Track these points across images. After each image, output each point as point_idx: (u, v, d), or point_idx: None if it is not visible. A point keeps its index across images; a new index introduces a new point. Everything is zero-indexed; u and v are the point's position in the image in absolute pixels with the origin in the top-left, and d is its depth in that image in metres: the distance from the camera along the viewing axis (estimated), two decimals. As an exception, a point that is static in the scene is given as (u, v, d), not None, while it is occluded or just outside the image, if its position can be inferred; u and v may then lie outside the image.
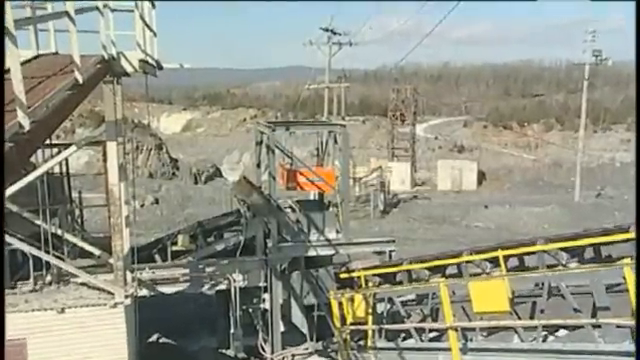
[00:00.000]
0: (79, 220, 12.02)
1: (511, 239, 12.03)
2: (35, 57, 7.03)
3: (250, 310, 12.26)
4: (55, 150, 9.53)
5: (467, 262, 9.48)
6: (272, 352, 11.92)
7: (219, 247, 12.58)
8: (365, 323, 10.69)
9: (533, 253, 8.40)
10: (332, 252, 12.32)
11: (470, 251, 9.52)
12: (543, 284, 8.02)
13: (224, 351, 12.53)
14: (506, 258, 8.71)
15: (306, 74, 34.97)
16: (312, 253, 12.07)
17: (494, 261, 8.99)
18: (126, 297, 8.02)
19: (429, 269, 10.29)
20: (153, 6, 7.75)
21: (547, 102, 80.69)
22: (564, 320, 7.34)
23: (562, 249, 7.93)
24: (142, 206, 33.86)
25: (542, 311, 7.93)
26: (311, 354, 12.10)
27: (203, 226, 13.51)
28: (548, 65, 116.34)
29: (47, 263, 8.24)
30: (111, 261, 8.30)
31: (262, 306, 12.13)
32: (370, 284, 11.51)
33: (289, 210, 12.96)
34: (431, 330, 9.60)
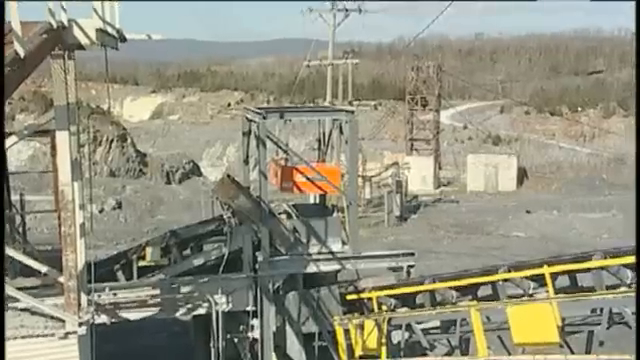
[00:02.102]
0: (20, 229, 11.95)
1: (560, 252, 11.97)
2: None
3: (236, 340, 12.25)
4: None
5: (505, 281, 9.44)
6: (263, 393, 11.90)
7: (197, 262, 12.57)
8: (378, 356, 10.64)
9: (589, 270, 8.34)
10: (337, 268, 12.29)
11: (508, 267, 9.48)
12: (602, 310, 7.94)
13: (203, 391, 12.50)
14: (554, 276, 8.67)
15: (305, 48, 34.91)
16: (312, 269, 12.04)
17: (539, 280, 8.95)
18: (80, 325, 7.96)
19: (457, 289, 10.26)
20: (114, -38, 7.70)
21: (607, 81, 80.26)
22: (630, 356, 7.27)
23: (626, 266, 7.86)
24: (101, 211, 33.86)
25: (601, 343, 7.86)
26: (311, 395, 12.08)
27: (177, 236, 13.48)
28: (608, 35, 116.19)
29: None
30: (61, 280, 8.24)
31: (250, 335, 12.12)
32: (384, 307, 11.48)
33: (284, 216, 12.92)
34: (460, 366, 9.57)
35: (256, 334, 12.02)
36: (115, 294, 11.04)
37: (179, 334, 14.82)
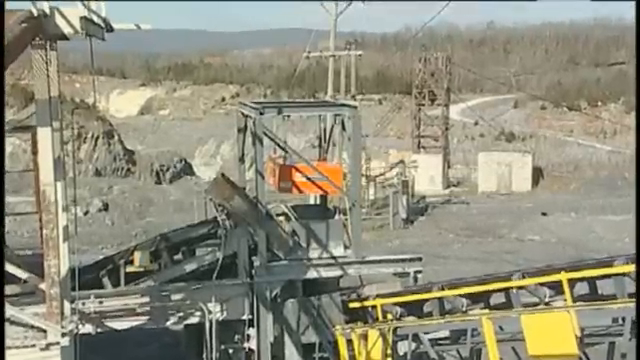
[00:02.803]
0: (-1, 232, 11.98)
1: (579, 258, 11.97)
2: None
3: (230, 351, 12.25)
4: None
5: (519, 288, 9.43)
6: (259, 408, 11.91)
7: (189, 267, 12.58)
8: (383, 369, 10.63)
9: (609, 277, 8.31)
10: (339, 274, 12.31)
11: (523, 273, 9.47)
12: (624, 319, 7.91)
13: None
14: (572, 283, 8.65)
15: (304, 38, 34.93)
16: (312, 275, 12.06)
17: (556, 287, 8.93)
18: (63, 336, 7.94)
19: (468, 297, 10.25)
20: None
21: (629, 73, 79.94)
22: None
23: (649, 271, 7.84)
24: (86, 213, 33.90)
25: (623, 356, 7.84)
26: (311, 410, 12.08)
27: (168, 240, 13.50)
28: (631, 24, 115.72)
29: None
30: (43, 287, 8.23)
31: (246, 345, 12.14)
32: (389, 316, 11.48)
33: (282, 218, 12.92)
34: (471, 379, 9.55)
35: (252, 345, 12.03)
36: (101, 302, 11.05)
37: (170, 345, 14.83)
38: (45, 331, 7.98)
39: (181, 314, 11.58)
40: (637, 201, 6.53)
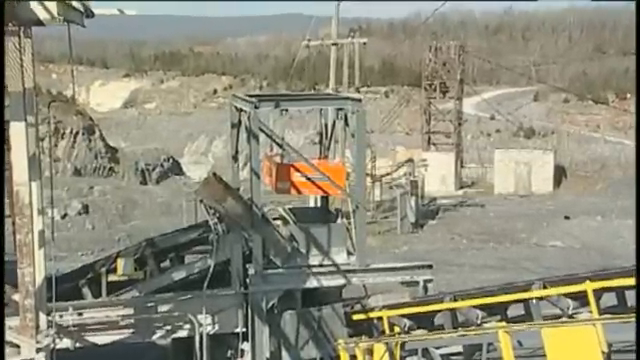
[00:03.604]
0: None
1: (605, 265, 11.95)
2: None
3: (222, 368, 12.23)
4: None
5: (539, 299, 9.42)
6: None
7: (178, 276, 12.59)
8: (390, 387, 10.62)
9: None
10: (342, 283, 12.30)
11: (544, 282, 9.47)
12: (654, 332, 7.91)
13: None
14: (598, 293, 8.65)
15: (304, 25, 34.96)
16: (313, 284, 12.06)
17: (580, 298, 8.93)
18: (38, 351, 7.95)
19: (483, 308, 10.24)
20: None
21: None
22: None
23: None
24: (64, 217, 33.94)
25: (653, 372, 7.82)
26: None
27: (154, 245, 13.51)
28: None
29: None
30: (16, 298, 8.22)
31: (240, 361, 12.10)
32: (396, 329, 11.48)
33: (279, 222, 12.92)
34: (487, 398, 9.53)
35: (247, 360, 12.03)
36: (80, 314, 11.05)
37: (156, 361, 14.81)
38: (19, 346, 7.98)
39: (169, 327, 11.58)
40: (637, 201, 6.57)
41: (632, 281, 8.38)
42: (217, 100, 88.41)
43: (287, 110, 12.66)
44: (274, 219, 12.96)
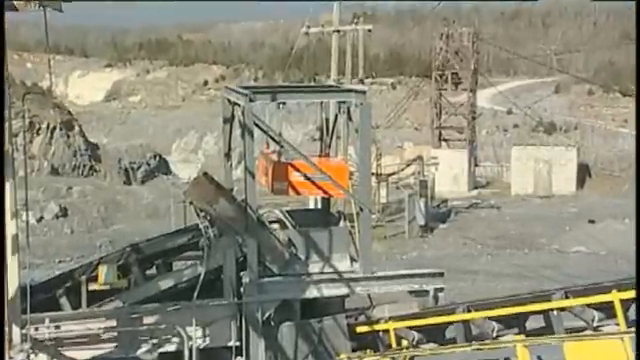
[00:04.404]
0: None
1: (634, 273, 11.93)
2: None
3: (214, 385, 12.26)
4: None
5: (561, 310, 9.43)
6: None
7: (165, 285, 12.61)
8: (397, 406, 10.65)
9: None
10: (344, 292, 12.31)
11: (566, 292, 9.48)
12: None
13: None
14: (626, 304, 8.65)
15: (303, 10, 34.94)
16: (313, 293, 12.07)
17: (606, 309, 8.94)
18: (13, 366, 7.95)
19: (499, 320, 10.26)
20: None
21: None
22: None
23: None
24: (40, 220, 33.96)
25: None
26: None
27: (139, 251, 13.51)
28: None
29: None
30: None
31: (233, 378, 12.13)
32: (404, 343, 11.49)
33: (276, 226, 12.94)
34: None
35: (240, 377, 12.06)
36: (58, 327, 11.05)
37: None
38: (-9, 361, 7.99)
39: (155, 341, 11.57)
40: (637, 202, 6.64)
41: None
42: (208, 92, 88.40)
43: (285, 103, 12.67)
44: (270, 222, 12.97)
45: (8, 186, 8.10)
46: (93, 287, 12.75)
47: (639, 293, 7.22)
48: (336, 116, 13.63)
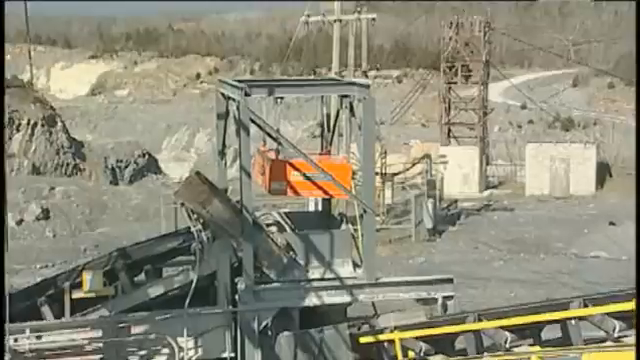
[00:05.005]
0: None
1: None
2: None
3: (207, 399, 12.27)
4: None
5: (579, 319, 9.43)
6: None
7: (154, 292, 12.58)
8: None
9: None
10: (347, 300, 12.31)
11: (584, 300, 9.48)
12: None
13: None
14: (648, 312, 8.63)
15: (302, -2, 34.93)
16: (313, 301, 12.08)
17: (627, 318, 8.94)
18: (-8, 380, 7.94)
19: (512, 330, 10.26)
20: None
21: None
22: None
23: None
24: (20, 223, 33.94)
25: None
26: None
27: (127, 256, 13.49)
28: None
29: None
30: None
31: (227, 392, 12.13)
32: (411, 354, 11.51)
33: (274, 229, 12.95)
34: None
35: (236, 391, 12.06)
36: (39, 337, 11.04)
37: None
38: (-31, 374, 7.98)
39: (144, 352, 11.57)
40: (637, 203, 6.64)
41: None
42: (201, 86, 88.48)
43: (283, 98, 12.67)
44: (268, 225, 12.98)
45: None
46: (77, 295, 12.73)
47: (639, 300, 7.14)
48: (338, 111, 13.63)
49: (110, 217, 36.37)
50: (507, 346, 10.22)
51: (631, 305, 8.72)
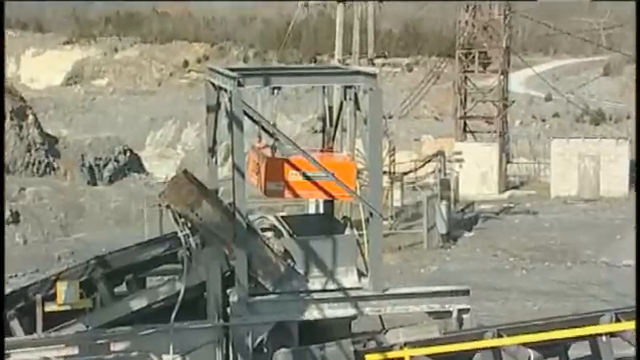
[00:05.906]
0: None
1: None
2: None
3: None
4: None
5: (611, 335, 9.43)
6: None
7: (137, 304, 12.61)
8: None
9: None
10: (351, 313, 12.35)
11: (616, 314, 9.49)
12: None
13: None
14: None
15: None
16: (313, 315, 12.12)
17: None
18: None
19: (536, 347, 10.27)
20: None
21: None
22: None
23: None
24: (-10, 227, 33.89)
25: None
26: None
27: (106, 265, 13.54)
28: None
29: None
30: None
31: (218, 416, 12.16)
32: (423, 374, 11.49)
33: (270, 234, 12.97)
34: None
35: (227, 414, 12.08)
36: (8, 355, 11.06)
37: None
38: None
39: (126, 371, 11.60)
40: (637, 204, 6.69)
41: None
42: (189, 75, 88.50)
43: (280, 88, 12.71)
44: (263, 230, 13.00)
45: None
46: (50, 308, 12.73)
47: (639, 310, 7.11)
48: (341, 104, 13.66)
49: (87, 221, 36.40)
50: (530, 365, 10.25)
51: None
